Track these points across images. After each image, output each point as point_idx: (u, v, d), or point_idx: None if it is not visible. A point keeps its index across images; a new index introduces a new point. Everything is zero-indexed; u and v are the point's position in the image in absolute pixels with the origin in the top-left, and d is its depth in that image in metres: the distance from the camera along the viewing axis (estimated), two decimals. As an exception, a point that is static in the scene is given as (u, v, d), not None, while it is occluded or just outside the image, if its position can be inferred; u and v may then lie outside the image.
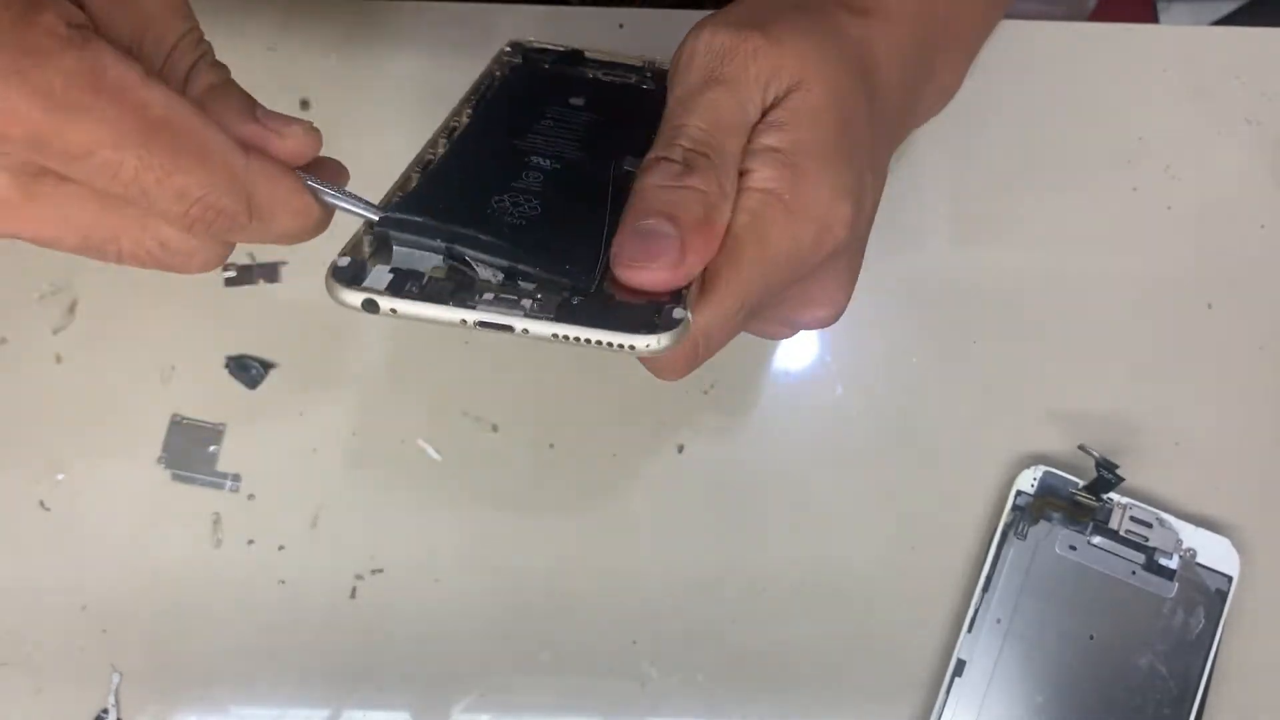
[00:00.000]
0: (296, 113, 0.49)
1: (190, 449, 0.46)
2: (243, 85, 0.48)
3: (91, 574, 0.45)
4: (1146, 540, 0.45)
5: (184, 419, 0.47)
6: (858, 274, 0.36)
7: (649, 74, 0.41)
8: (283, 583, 0.46)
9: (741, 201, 0.31)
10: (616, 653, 0.45)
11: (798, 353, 0.48)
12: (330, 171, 0.31)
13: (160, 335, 0.47)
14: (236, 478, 0.46)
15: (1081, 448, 0.46)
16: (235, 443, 0.47)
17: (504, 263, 0.30)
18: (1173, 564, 0.45)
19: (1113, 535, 0.45)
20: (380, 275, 0.29)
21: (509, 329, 0.28)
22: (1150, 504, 0.45)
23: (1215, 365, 0.48)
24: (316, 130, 0.30)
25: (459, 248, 0.30)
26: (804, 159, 0.32)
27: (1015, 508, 0.45)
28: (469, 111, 0.38)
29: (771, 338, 0.36)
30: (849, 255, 0.35)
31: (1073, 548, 0.45)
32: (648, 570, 0.46)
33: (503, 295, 0.29)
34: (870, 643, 0.45)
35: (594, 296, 0.29)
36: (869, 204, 0.35)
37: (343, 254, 0.30)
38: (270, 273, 0.48)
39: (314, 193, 0.30)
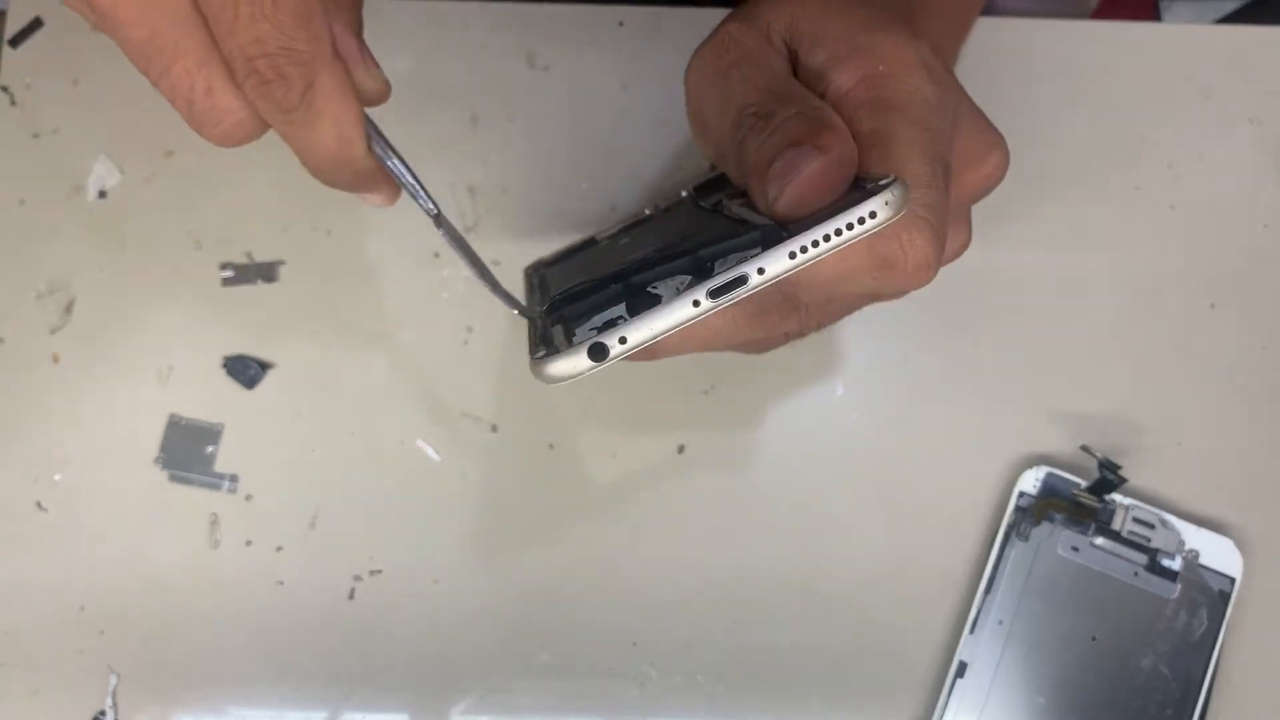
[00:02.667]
0: (295, 111, 0.50)
1: (188, 449, 0.46)
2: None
3: (89, 575, 0.45)
4: (1149, 541, 0.45)
5: (182, 419, 0.47)
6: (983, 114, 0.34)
7: None
8: (281, 584, 0.45)
9: (846, 107, 0.30)
10: (616, 654, 0.45)
11: (798, 353, 0.48)
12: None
13: (158, 335, 0.47)
14: (234, 478, 0.46)
15: (1084, 448, 0.45)
16: (233, 443, 0.46)
17: (686, 261, 0.27)
18: (1175, 565, 0.44)
19: (1115, 536, 0.45)
20: (578, 336, 0.26)
21: (743, 280, 0.25)
22: (1153, 505, 0.45)
23: (1218, 365, 0.48)
24: (389, 91, 0.30)
25: (635, 275, 0.28)
26: (861, 38, 0.31)
27: (1017, 508, 0.45)
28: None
29: (983, 193, 0.34)
30: (960, 96, 0.33)
31: (1075, 549, 0.44)
32: (648, 570, 0.46)
33: (704, 271, 0.26)
34: (871, 644, 0.45)
35: (784, 228, 0.27)
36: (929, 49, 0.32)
37: (534, 351, 0.28)
38: (268, 272, 0.48)
39: (368, 135, 0.28)
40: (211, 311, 0.47)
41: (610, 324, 0.26)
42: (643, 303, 0.26)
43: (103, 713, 0.44)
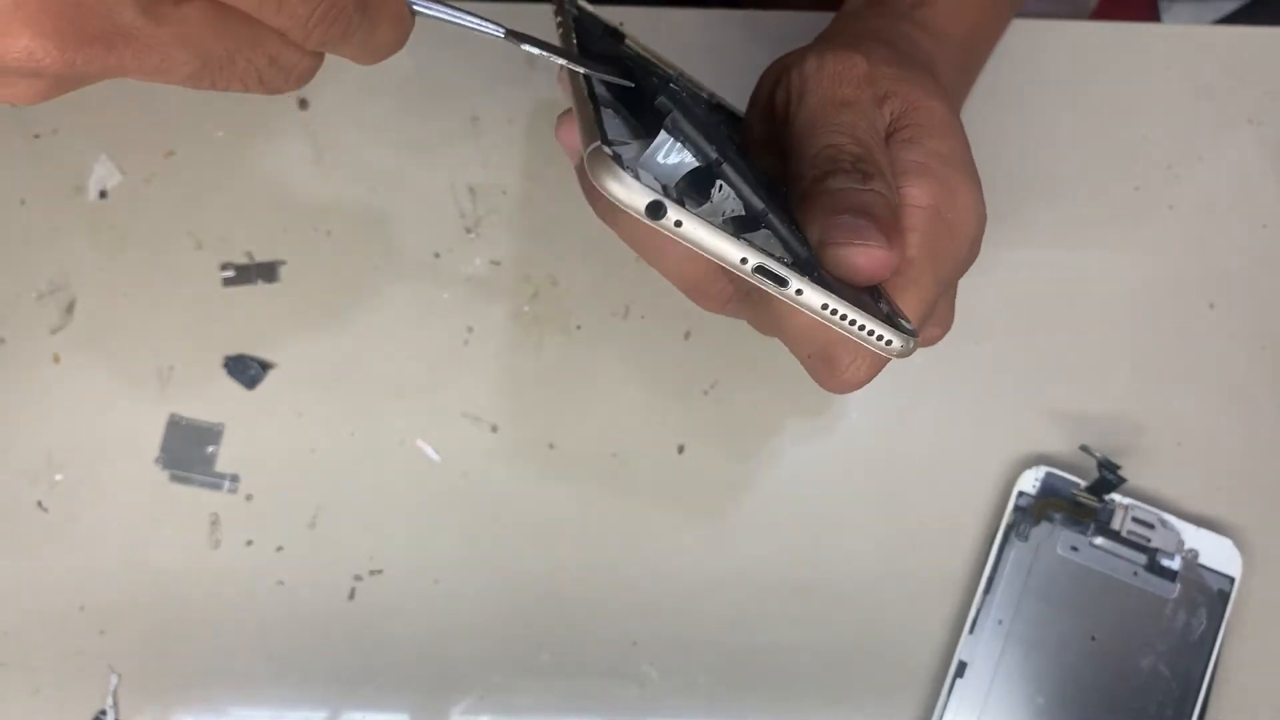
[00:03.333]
0: (296, 113, 0.50)
1: (188, 449, 0.46)
2: (241, 84, 0.47)
3: (89, 575, 0.45)
4: (1148, 541, 0.45)
5: (182, 419, 0.47)
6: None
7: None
8: (281, 583, 0.46)
9: (910, 220, 0.32)
10: (616, 654, 0.45)
11: (798, 353, 0.48)
12: None
13: (158, 335, 0.47)
14: (235, 478, 0.46)
15: (1083, 448, 0.45)
16: (233, 443, 0.46)
17: (759, 205, 0.28)
18: (1175, 565, 0.44)
19: (1115, 536, 0.45)
20: (646, 175, 0.25)
21: (782, 283, 0.26)
22: (1152, 505, 0.45)
23: (1217, 365, 0.48)
24: None
25: (727, 167, 0.27)
26: (948, 171, 0.33)
27: (1017, 508, 0.45)
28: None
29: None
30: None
31: (1074, 549, 0.44)
32: (648, 570, 0.46)
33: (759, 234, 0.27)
34: (871, 644, 0.45)
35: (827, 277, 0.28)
36: None
37: (596, 138, 0.26)
38: (269, 273, 0.48)
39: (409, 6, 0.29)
40: (212, 311, 0.48)
41: (680, 200, 0.26)
42: (700, 185, 0.27)
43: (103, 712, 0.44)
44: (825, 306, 0.27)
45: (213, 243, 0.48)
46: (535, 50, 0.30)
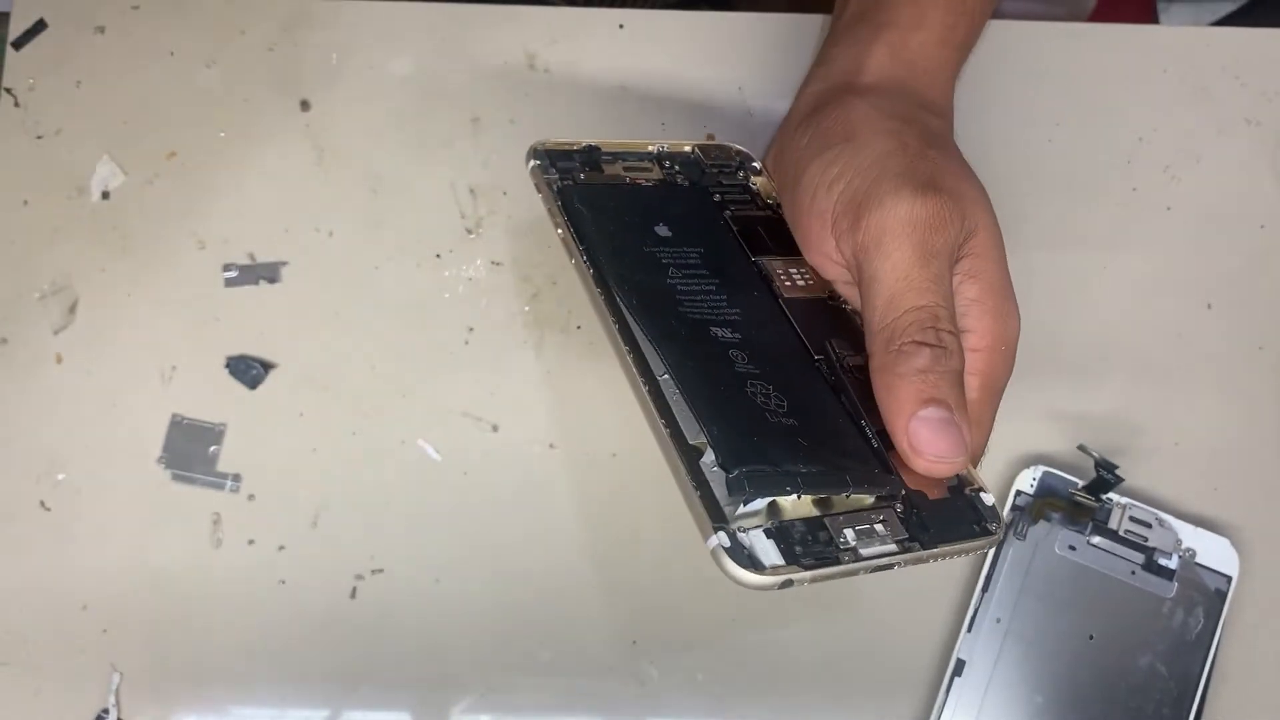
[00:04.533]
0: (297, 114, 0.50)
1: (190, 449, 0.46)
2: (243, 85, 0.49)
3: (92, 574, 0.45)
4: (1146, 540, 0.45)
5: (184, 419, 0.47)
6: None
7: (698, 166, 0.43)
8: (283, 583, 0.46)
9: (971, 365, 0.34)
10: (617, 653, 0.45)
11: (798, 353, 0.48)
12: None
13: (160, 335, 0.47)
14: (237, 478, 0.46)
15: (1081, 448, 0.46)
16: (235, 443, 0.47)
17: (841, 493, 0.31)
18: (1172, 564, 0.45)
19: (1112, 535, 0.45)
20: (762, 542, 0.29)
21: (890, 567, 0.30)
22: (1150, 504, 0.45)
23: (1215, 365, 0.48)
24: None
25: (807, 490, 0.30)
26: (1000, 301, 0.35)
27: (1015, 508, 0.45)
28: (591, 273, 0.37)
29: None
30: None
31: (1072, 548, 0.45)
32: (648, 570, 0.46)
33: (856, 528, 0.30)
34: (870, 642, 0.45)
35: (911, 500, 0.31)
36: None
37: (715, 529, 0.30)
38: (271, 273, 0.48)
39: None
40: (214, 312, 0.48)
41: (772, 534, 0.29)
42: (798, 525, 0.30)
43: (105, 711, 0.44)
44: (924, 560, 0.30)
45: (215, 243, 0.48)
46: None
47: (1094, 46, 0.51)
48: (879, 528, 0.30)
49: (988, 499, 0.32)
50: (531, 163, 0.40)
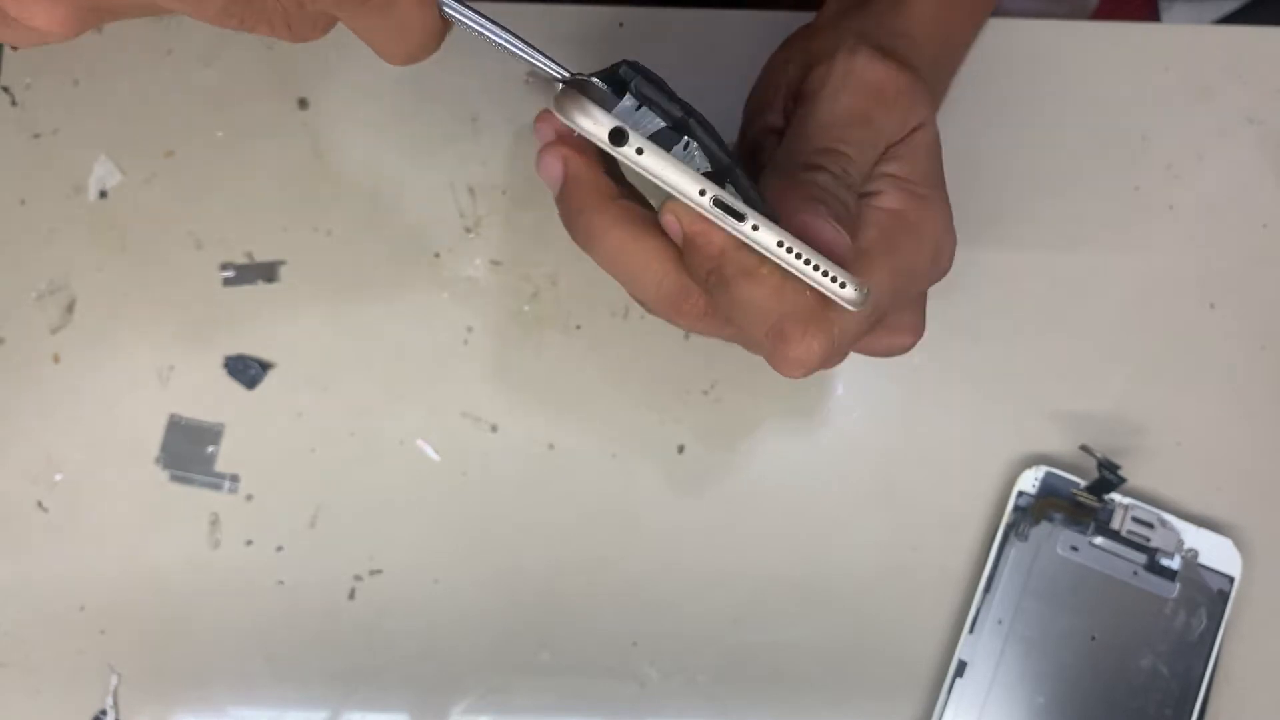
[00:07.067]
0: (296, 113, 0.50)
1: (188, 449, 0.46)
2: (242, 85, 0.48)
3: (89, 574, 0.45)
4: (1148, 541, 0.45)
5: (182, 419, 0.47)
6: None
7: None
8: (281, 583, 0.46)
9: (870, 217, 0.33)
10: (617, 653, 0.45)
11: (798, 353, 0.48)
12: None
13: (158, 335, 0.47)
14: (235, 478, 0.46)
15: (1083, 448, 0.45)
16: (234, 443, 0.46)
17: (725, 159, 0.29)
18: (1174, 565, 0.44)
19: (1114, 536, 0.45)
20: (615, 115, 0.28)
21: (740, 217, 0.28)
22: (1152, 504, 0.45)
23: (1217, 365, 0.48)
24: None
25: (694, 123, 0.29)
26: (925, 188, 0.34)
27: (1016, 508, 0.45)
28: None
29: (865, 353, 0.37)
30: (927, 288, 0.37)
31: (1074, 548, 0.45)
32: (648, 570, 0.46)
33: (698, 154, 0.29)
34: (871, 643, 0.45)
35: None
36: None
37: (563, 76, 0.28)
38: (269, 273, 0.48)
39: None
40: (212, 311, 0.48)
41: (637, 130, 0.27)
42: (668, 142, 0.28)
43: (103, 712, 0.44)
44: (781, 244, 0.28)
45: (213, 243, 0.48)
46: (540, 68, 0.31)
47: (1096, 45, 0.51)
48: (698, 156, 0.29)
49: (869, 303, 0.30)
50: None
